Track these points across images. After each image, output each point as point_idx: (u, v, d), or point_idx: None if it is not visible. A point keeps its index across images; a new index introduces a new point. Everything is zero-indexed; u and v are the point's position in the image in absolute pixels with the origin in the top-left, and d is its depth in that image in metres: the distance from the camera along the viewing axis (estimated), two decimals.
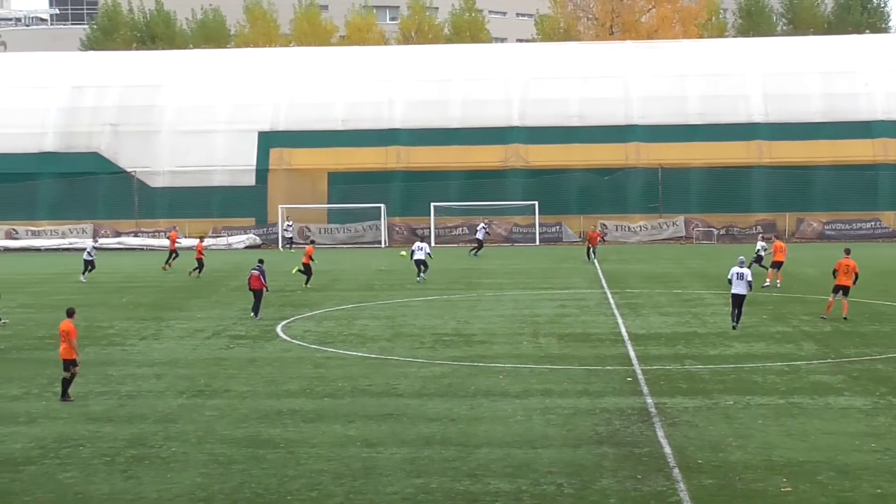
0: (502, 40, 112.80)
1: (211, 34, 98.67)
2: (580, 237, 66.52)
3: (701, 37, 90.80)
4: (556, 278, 45.51)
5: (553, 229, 68.04)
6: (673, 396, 21.95)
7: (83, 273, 46.78)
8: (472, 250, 57.98)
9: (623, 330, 30.65)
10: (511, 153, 69.62)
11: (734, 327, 30.09)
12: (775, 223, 66.25)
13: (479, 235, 58.70)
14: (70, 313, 22.66)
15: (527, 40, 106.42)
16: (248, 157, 70.57)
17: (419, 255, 44.53)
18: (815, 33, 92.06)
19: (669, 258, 55.32)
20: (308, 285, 42.21)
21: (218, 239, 67.16)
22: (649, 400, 21.62)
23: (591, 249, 52.16)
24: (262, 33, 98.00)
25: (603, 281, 43.75)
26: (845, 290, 31.72)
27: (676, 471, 16.84)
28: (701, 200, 68.35)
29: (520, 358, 26.60)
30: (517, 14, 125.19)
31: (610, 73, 72.67)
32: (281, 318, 34.11)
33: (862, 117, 68.91)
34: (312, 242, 48.81)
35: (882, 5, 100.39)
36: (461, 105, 71.28)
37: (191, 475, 17.08)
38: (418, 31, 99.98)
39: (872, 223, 67.13)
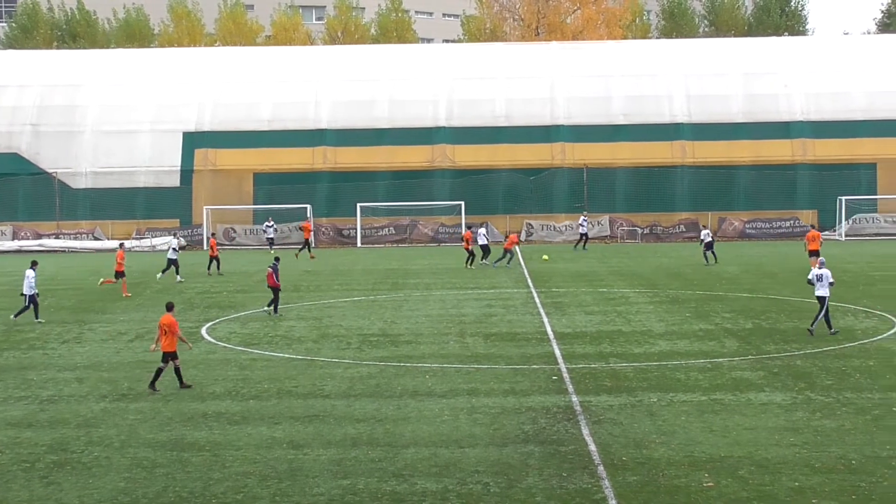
0: (429, 41, 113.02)
1: (134, 33, 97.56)
2: (506, 238, 66.79)
3: (625, 38, 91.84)
4: (483, 278, 45.63)
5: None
6: (598, 394, 22.15)
7: (163, 271, 45.92)
8: (494, 261, 50.20)
9: (549, 329, 30.83)
10: (437, 153, 69.72)
11: (810, 331, 28.72)
12: (698, 222, 67.13)
13: (482, 241, 50.69)
14: (169, 307, 23.50)
15: (453, 41, 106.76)
16: (172, 158, 69.81)
17: (482, 241, 49.20)
18: (735, 35, 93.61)
19: (594, 257, 55.74)
20: (472, 265, 48.74)
21: (142, 241, 66.42)
22: (574, 398, 21.78)
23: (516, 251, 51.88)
24: (186, 33, 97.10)
25: (529, 280, 43.98)
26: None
27: (601, 468, 16.99)
28: (625, 200, 69.04)
29: (446, 358, 26.65)
30: (444, 14, 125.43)
31: (536, 74, 73.08)
32: (206, 319, 33.85)
33: (782, 118, 70.10)
34: (470, 228, 53.73)
35: (800, 8, 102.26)
36: (388, 105, 71.20)
37: (113, 480, 16.86)
38: (345, 32, 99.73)
39: (791, 222, 68.30)
